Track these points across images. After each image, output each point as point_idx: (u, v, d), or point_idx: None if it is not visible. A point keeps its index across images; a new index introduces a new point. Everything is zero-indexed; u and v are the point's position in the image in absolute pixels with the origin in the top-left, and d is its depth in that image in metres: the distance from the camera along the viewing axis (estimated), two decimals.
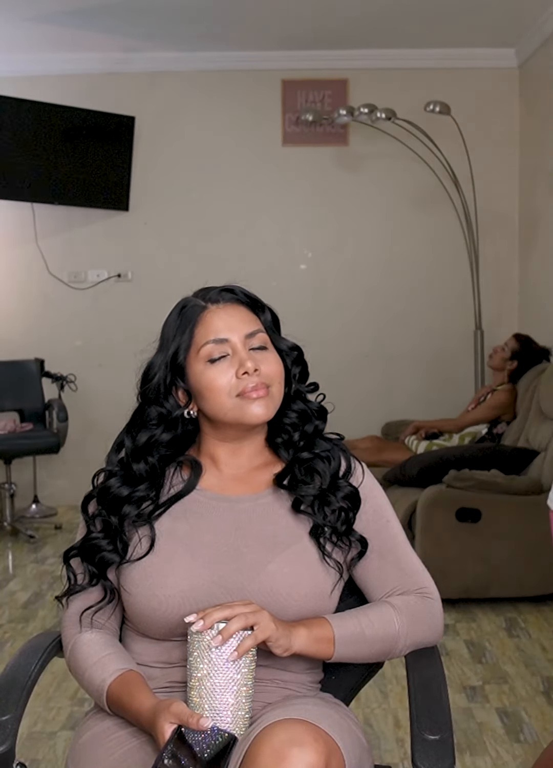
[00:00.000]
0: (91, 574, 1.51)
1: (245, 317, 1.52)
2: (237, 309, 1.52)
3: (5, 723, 1.41)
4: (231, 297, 1.53)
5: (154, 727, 1.32)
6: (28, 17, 4.90)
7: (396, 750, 2.64)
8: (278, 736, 1.25)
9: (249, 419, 1.49)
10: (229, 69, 5.61)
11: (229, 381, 1.48)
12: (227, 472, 1.56)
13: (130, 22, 5.03)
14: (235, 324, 1.50)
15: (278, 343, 1.55)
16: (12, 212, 5.64)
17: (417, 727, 1.35)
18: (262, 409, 1.49)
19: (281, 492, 1.54)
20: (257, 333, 1.51)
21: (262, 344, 1.51)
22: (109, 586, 1.51)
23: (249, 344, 1.50)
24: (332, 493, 1.52)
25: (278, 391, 1.52)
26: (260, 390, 1.48)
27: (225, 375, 1.49)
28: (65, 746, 2.67)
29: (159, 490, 1.53)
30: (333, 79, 5.65)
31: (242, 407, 1.49)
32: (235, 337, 1.49)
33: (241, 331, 1.50)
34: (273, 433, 1.58)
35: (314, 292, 5.73)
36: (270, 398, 1.50)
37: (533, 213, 5.45)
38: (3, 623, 3.76)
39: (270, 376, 1.50)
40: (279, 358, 1.53)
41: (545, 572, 3.81)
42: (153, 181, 5.68)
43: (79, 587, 1.52)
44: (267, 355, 1.51)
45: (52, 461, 5.66)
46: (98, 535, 1.51)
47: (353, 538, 1.52)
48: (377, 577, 1.55)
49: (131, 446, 1.53)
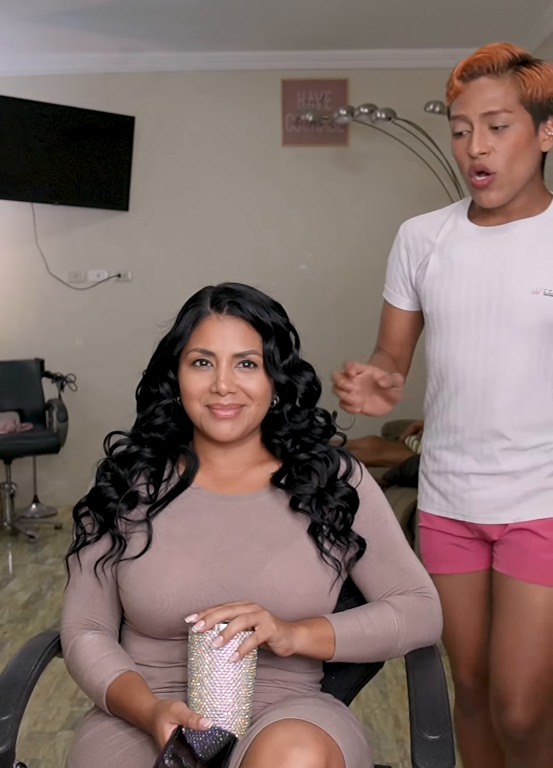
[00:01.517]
0: (100, 524, 1.52)
1: (243, 335, 1.50)
2: (237, 325, 1.50)
3: (5, 723, 1.41)
4: (237, 312, 1.50)
5: (154, 728, 1.32)
6: (28, 17, 4.90)
7: (396, 750, 2.64)
8: (279, 737, 1.25)
9: (213, 434, 1.51)
10: (229, 69, 5.61)
11: (202, 390, 1.49)
12: (223, 471, 1.57)
13: (130, 22, 5.02)
14: (228, 339, 1.49)
15: (273, 375, 1.51)
16: (12, 212, 5.64)
17: (417, 727, 1.36)
18: (227, 430, 1.50)
19: (279, 490, 1.54)
20: (249, 354, 1.50)
21: (253, 362, 1.50)
22: (118, 534, 1.51)
23: (237, 361, 1.50)
24: (329, 493, 1.52)
25: (254, 413, 1.51)
26: (229, 410, 1.49)
27: (201, 383, 1.50)
28: (65, 746, 2.67)
29: (158, 487, 1.54)
30: (333, 79, 5.65)
31: (209, 421, 1.50)
32: (223, 352, 1.49)
33: (231, 349, 1.49)
34: (269, 433, 1.58)
35: (314, 292, 5.73)
36: (239, 419, 1.50)
37: None
38: (3, 623, 3.76)
39: (249, 396, 1.50)
40: (265, 380, 1.51)
41: None
42: (153, 181, 5.68)
43: (90, 537, 1.53)
44: (253, 375, 1.50)
45: (52, 461, 5.66)
46: (106, 484, 1.53)
47: (351, 538, 1.52)
48: (376, 577, 1.55)
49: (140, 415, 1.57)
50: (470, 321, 1.78)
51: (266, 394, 1.52)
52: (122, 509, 1.52)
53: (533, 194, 1.75)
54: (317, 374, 1.59)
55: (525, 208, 1.75)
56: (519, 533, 1.79)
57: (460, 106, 1.68)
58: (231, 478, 1.56)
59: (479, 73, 1.66)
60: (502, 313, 1.75)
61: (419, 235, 1.89)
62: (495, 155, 1.66)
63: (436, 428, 1.88)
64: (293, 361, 1.54)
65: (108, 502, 1.53)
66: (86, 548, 1.54)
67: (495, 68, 1.65)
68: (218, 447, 1.55)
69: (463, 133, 1.69)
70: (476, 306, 1.77)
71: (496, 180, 1.68)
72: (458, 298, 1.79)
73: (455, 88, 1.69)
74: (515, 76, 1.65)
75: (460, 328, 1.79)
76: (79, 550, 1.54)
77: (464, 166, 1.71)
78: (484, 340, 1.77)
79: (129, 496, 1.53)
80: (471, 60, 1.68)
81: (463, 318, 1.79)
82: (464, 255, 1.79)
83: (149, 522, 1.50)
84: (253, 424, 1.53)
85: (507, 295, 1.74)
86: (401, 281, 1.92)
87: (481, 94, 1.65)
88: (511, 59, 1.66)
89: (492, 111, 1.65)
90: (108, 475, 1.55)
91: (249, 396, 1.50)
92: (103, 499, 1.53)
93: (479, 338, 1.78)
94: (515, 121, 1.65)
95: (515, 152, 1.67)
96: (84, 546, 1.54)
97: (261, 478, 1.56)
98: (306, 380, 1.56)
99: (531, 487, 1.77)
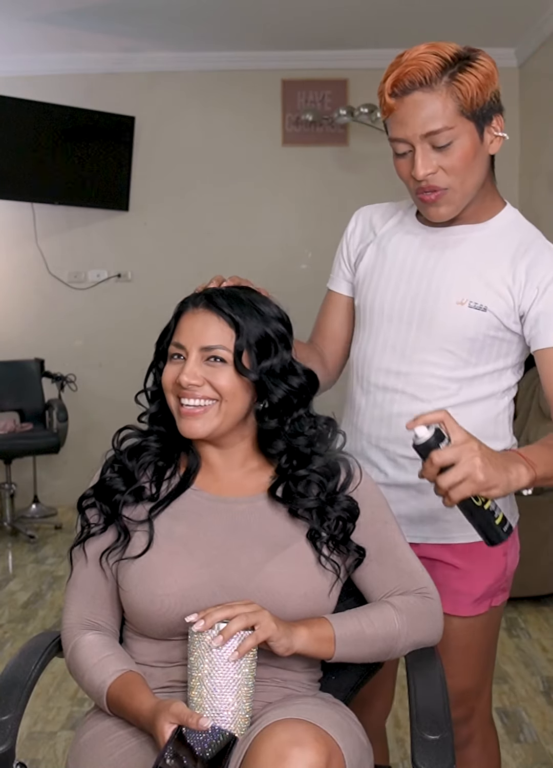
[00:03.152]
0: (105, 515, 1.52)
1: (213, 330, 1.49)
2: (209, 319, 1.49)
3: (5, 723, 1.41)
4: (211, 307, 1.50)
5: (154, 728, 1.32)
6: (28, 17, 4.90)
7: (396, 750, 2.64)
8: (279, 736, 1.25)
9: (182, 431, 1.51)
10: (229, 69, 5.61)
11: (172, 381, 1.51)
12: (222, 474, 1.57)
13: (130, 22, 5.02)
14: (196, 333, 1.49)
15: (243, 372, 1.48)
16: (12, 212, 5.64)
17: (417, 727, 1.36)
18: (195, 427, 1.49)
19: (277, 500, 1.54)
20: (216, 349, 1.48)
21: (222, 357, 1.49)
22: (123, 525, 1.51)
23: (206, 355, 1.49)
24: (329, 505, 1.52)
25: (226, 410, 1.49)
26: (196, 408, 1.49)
27: (172, 374, 1.51)
28: (65, 746, 2.67)
29: (160, 486, 1.55)
30: (333, 79, 5.65)
31: (178, 415, 1.51)
32: (190, 345, 1.49)
33: (199, 342, 1.49)
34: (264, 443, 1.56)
35: (313, 292, 5.71)
36: (207, 416, 1.49)
37: (533, 213, 5.44)
38: (3, 623, 3.76)
39: (217, 391, 1.49)
40: (236, 376, 1.49)
41: (545, 572, 3.81)
42: (153, 181, 5.68)
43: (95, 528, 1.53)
44: (222, 370, 1.49)
45: (52, 461, 5.66)
46: (113, 475, 1.54)
47: (350, 547, 1.52)
48: (377, 578, 1.55)
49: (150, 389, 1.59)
50: (392, 321, 1.70)
51: (236, 392, 1.50)
52: (128, 501, 1.53)
53: (482, 201, 1.66)
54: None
55: (473, 215, 1.66)
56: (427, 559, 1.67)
57: (397, 128, 1.57)
58: (230, 481, 1.56)
59: (412, 88, 1.52)
60: (424, 320, 1.67)
61: (368, 222, 1.83)
62: (442, 173, 1.56)
63: (349, 432, 1.70)
64: (278, 365, 1.51)
65: (115, 493, 1.53)
66: (91, 540, 1.54)
67: (428, 80, 1.51)
68: (211, 447, 1.56)
69: (405, 154, 1.60)
70: (400, 307, 1.69)
71: (446, 195, 1.59)
72: (383, 296, 1.71)
73: (387, 106, 1.57)
74: (451, 86, 1.51)
75: (381, 328, 1.71)
76: (85, 542, 1.54)
77: (409, 184, 1.63)
78: (402, 344, 1.69)
79: (135, 490, 1.53)
80: (401, 74, 1.53)
81: (385, 317, 1.71)
82: (398, 252, 1.72)
83: (151, 521, 1.51)
84: (226, 422, 1.51)
85: (432, 301, 1.66)
86: (345, 265, 1.83)
87: (417, 112, 1.53)
88: (443, 65, 1.52)
89: (433, 131, 1.53)
90: (115, 467, 1.55)
91: (217, 391, 1.49)
92: (109, 491, 1.53)
93: (397, 341, 1.69)
94: (459, 135, 1.53)
95: (462, 167, 1.56)
96: (89, 537, 1.53)
97: (260, 483, 1.56)
98: (289, 385, 1.52)
99: (440, 505, 1.46)
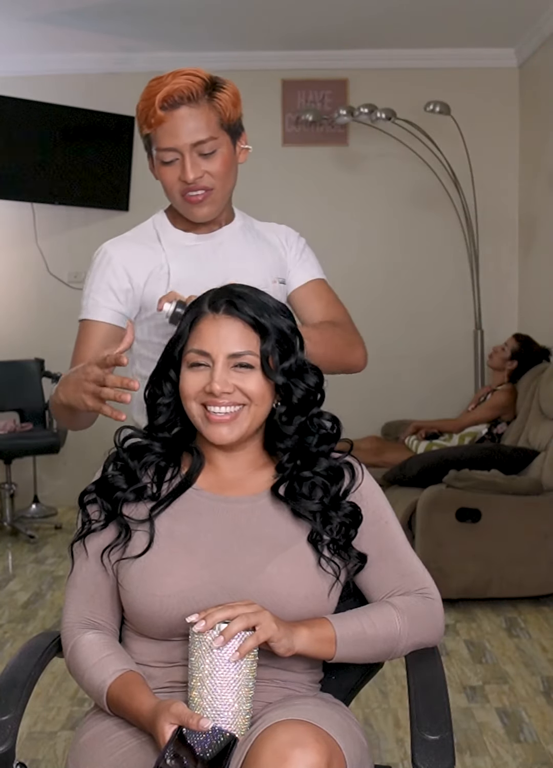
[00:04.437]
0: (106, 511, 1.52)
1: (239, 335, 1.48)
2: (234, 325, 1.49)
3: (5, 723, 1.41)
4: (234, 312, 1.49)
5: (155, 728, 1.32)
6: (27, 17, 4.90)
7: (396, 750, 2.64)
8: (280, 737, 1.25)
9: (210, 438, 1.50)
10: (229, 69, 5.58)
11: (198, 390, 1.49)
12: (225, 474, 1.56)
13: (130, 22, 5.02)
14: (223, 340, 1.48)
15: (270, 375, 1.49)
16: (12, 212, 5.64)
17: (417, 727, 1.35)
18: (225, 433, 1.49)
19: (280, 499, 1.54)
20: (245, 355, 1.48)
21: (249, 363, 1.49)
22: (124, 523, 1.51)
23: (233, 362, 1.49)
24: (333, 510, 1.51)
25: (253, 413, 1.50)
26: (225, 415, 1.48)
27: (197, 383, 1.49)
28: (65, 746, 2.67)
29: (160, 487, 1.54)
30: (333, 79, 5.65)
31: (205, 422, 1.50)
32: (218, 352, 1.48)
33: (227, 349, 1.48)
34: (272, 440, 1.57)
35: None
36: (237, 422, 1.49)
37: (533, 213, 5.45)
38: (3, 623, 3.76)
39: (246, 395, 1.49)
40: (263, 380, 1.49)
41: (545, 572, 3.81)
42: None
43: (96, 525, 1.52)
44: (250, 376, 1.49)
45: (52, 461, 5.66)
46: (115, 472, 1.54)
47: (352, 554, 1.52)
48: (378, 578, 1.55)
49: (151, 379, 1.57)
50: None
51: (265, 395, 1.50)
52: (129, 499, 1.52)
53: (230, 204, 1.92)
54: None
55: (226, 217, 1.91)
56: None
57: (167, 138, 1.77)
58: (233, 480, 1.56)
59: (180, 102, 1.75)
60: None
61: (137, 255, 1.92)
62: (208, 176, 1.79)
63: None
64: (295, 364, 1.52)
65: (116, 490, 1.53)
66: (92, 536, 1.53)
67: (195, 96, 1.75)
68: (219, 449, 1.55)
69: (172, 162, 1.80)
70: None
71: (211, 195, 1.81)
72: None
73: (157, 118, 1.76)
74: (212, 102, 1.77)
75: None
76: (85, 538, 1.54)
77: (175, 188, 1.84)
78: None
79: (137, 489, 1.53)
80: (171, 90, 1.74)
81: None
82: (183, 268, 1.84)
83: (152, 521, 1.50)
84: (253, 425, 1.51)
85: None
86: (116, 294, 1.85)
87: (186, 124, 1.75)
88: (204, 85, 1.76)
89: (201, 140, 1.76)
90: (118, 465, 1.55)
91: (247, 396, 1.49)
92: (111, 488, 1.53)
93: None
94: (221, 145, 1.79)
95: (224, 171, 1.81)
96: (90, 533, 1.53)
97: (263, 482, 1.56)
98: (307, 384, 1.53)
99: None
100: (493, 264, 5.62)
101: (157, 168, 1.86)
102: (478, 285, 5.40)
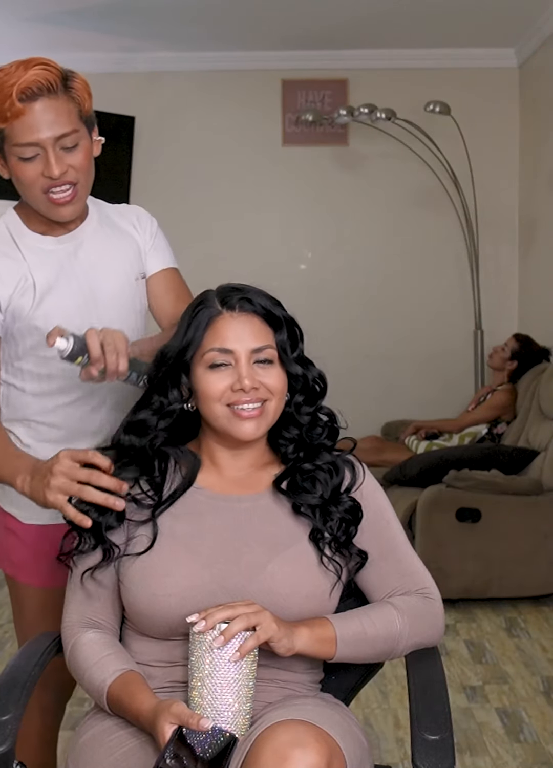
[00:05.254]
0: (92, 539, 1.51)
1: (257, 330, 1.50)
2: (251, 321, 1.50)
3: (5, 723, 1.41)
4: (249, 307, 1.50)
5: (155, 728, 1.32)
6: (28, 17, 4.89)
7: (396, 750, 2.64)
8: (280, 737, 1.25)
9: (238, 435, 1.50)
10: (229, 69, 5.61)
11: (224, 390, 1.49)
12: (227, 473, 1.57)
13: (130, 22, 5.02)
14: (244, 336, 1.49)
15: (288, 366, 1.52)
16: None
17: (417, 727, 1.36)
18: (253, 429, 1.50)
19: (281, 493, 1.54)
20: (266, 349, 1.50)
21: (269, 358, 1.51)
22: (108, 548, 1.49)
23: (255, 357, 1.50)
24: (333, 505, 1.52)
25: (276, 407, 1.51)
26: (253, 410, 1.48)
27: (221, 383, 1.49)
28: (65, 746, 2.66)
29: (161, 488, 1.54)
30: (333, 79, 5.64)
31: (232, 420, 1.49)
32: (241, 349, 1.49)
33: (249, 345, 1.49)
34: (276, 433, 1.58)
35: (313, 292, 5.72)
36: (264, 416, 1.50)
37: (533, 213, 5.45)
38: (3, 623, 3.75)
39: (270, 390, 1.50)
40: (283, 374, 1.52)
41: (545, 572, 3.82)
42: (153, 181, 5.68)
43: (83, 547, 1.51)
44: (271, 370, 1.51)
45: None
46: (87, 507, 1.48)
47: (352, 551, 1.52)
48: (378, 578, 1.55)
49: (127, 420, 1.55)
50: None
51: (284, 388, 1.53)
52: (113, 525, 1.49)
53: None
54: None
55: (83, 213, 1.83)
56: None
57: (28, 133, 1.65)
58: (235, 479, 1.56)
59: (39, 94, 1.66)
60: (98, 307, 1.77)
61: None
62: (72, 170, 1.70)
63: None
64: (301, 354, 1.55)
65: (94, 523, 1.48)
66: (82, 557, 1.53)
67: (54, 88, 1.68)
68: (228, 449, 1.55)
69: (32, 158, 1.68)
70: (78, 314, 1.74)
71: (77, 192, 1.73)
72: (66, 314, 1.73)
73: (14, 111, 1.64)
74: (69, 93, 1.71)
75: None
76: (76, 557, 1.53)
77: (37, 185, 1.69)
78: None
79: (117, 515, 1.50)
80: (28, 81, 1.65)
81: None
82: (47, 279, 1.75)
83: (154, 521, 1.50)
84: (274, 419, 1.53)
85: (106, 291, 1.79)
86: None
87: (47, 117, 1.66)
88: (61, 76, 1.71)
89: (64, 133, 1.67)
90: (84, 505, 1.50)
91: (270, 391, 1.50)
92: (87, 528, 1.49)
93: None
94: (81, 137, 1.71)
95: (86, 165, 1.74)
96: (80, 555, 1.52)
97: (264, 480, 1.56)
98: (313, 375, 1.56)
99: None
100: (493, 264, 5.62)
101: (14, 165, 1.70)
102: (478, 285, 5.39)
